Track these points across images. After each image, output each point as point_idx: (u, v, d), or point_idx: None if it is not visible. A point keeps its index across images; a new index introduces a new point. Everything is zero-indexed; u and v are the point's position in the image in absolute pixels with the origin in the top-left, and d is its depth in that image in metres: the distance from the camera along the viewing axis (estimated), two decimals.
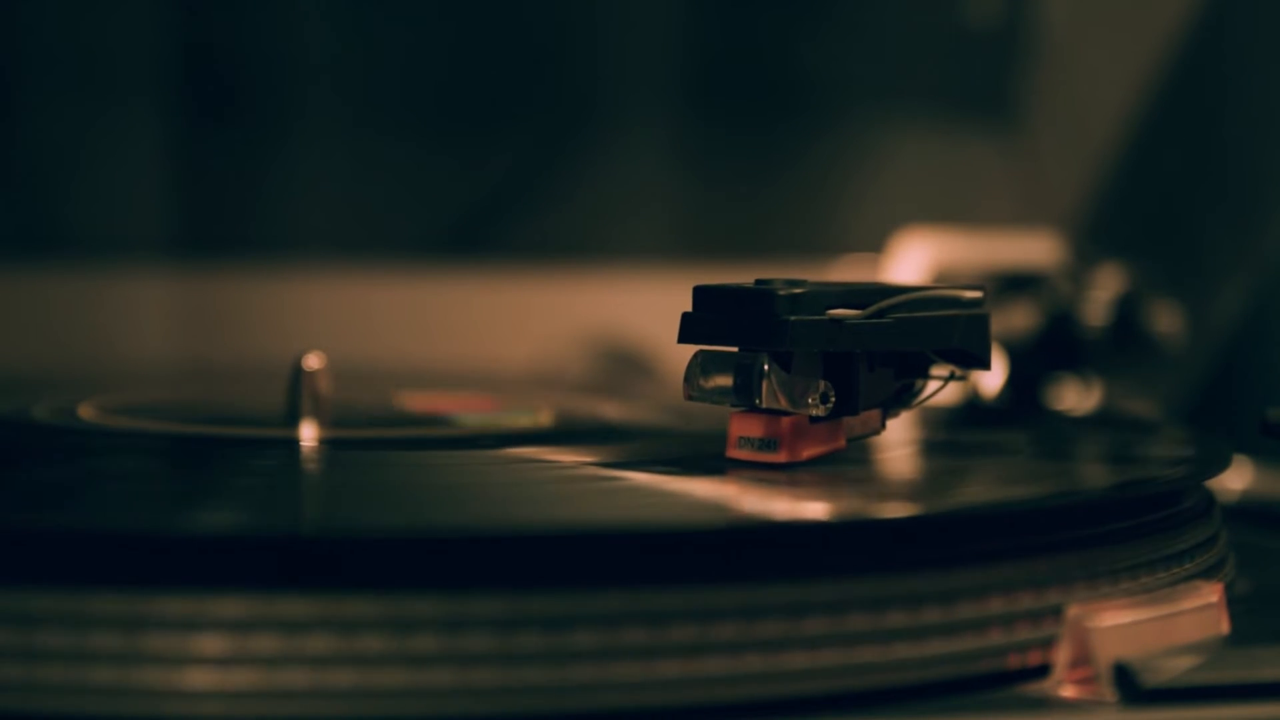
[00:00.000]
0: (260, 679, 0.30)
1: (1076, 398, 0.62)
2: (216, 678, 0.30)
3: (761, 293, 0.39)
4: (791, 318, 0.38)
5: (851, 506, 0.37)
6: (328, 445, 0.45)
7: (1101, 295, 0.62)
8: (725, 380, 0.39)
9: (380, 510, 0.36)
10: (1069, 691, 0.34)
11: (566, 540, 0.33)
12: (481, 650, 0.31)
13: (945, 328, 0.41)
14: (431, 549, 0.32)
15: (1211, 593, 0.37)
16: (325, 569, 0.31)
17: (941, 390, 0.42)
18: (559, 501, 0.37)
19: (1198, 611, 0.36)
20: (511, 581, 0.31)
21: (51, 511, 0.35)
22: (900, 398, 0.42)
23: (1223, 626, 0.36)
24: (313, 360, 0.47)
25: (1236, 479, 0.55)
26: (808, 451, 0.40)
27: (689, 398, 0.40)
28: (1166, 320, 0.62)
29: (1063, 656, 0.34)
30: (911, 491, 0.41)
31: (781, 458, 0.39)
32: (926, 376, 0.42)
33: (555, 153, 0.80)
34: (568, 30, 0.80)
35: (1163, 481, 0.40)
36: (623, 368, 0.75)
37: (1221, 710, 0.33)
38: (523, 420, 0.50)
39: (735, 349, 0.39)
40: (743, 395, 0.39)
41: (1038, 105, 0.82)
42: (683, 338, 0.40)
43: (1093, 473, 0.46)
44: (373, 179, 0.79)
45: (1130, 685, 0.33)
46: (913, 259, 0.66)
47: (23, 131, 0.75)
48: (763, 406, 0.39)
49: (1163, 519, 0.39)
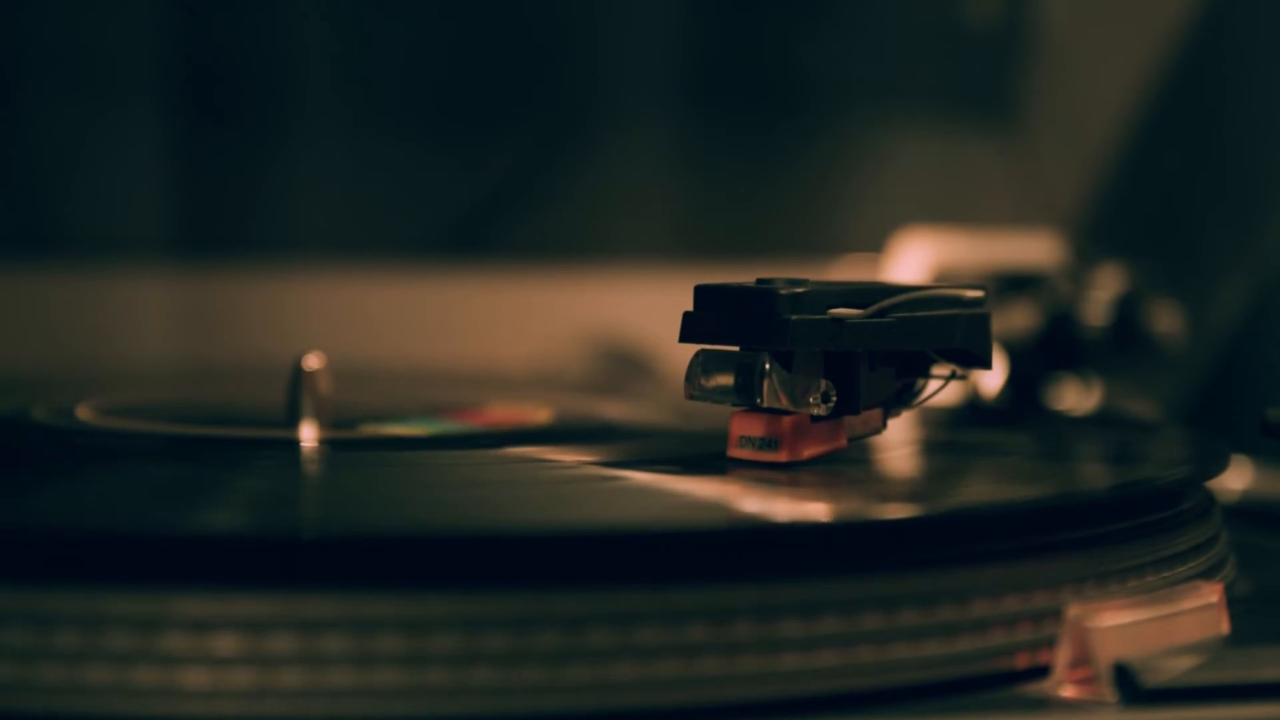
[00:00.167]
0: (266, 680, 0.30)
1: (1076, 398, 0.62)
2: (223, 678, 0.30)
3: (763, 292, 0.39)
4: (793, 317, 0.38)
5: (852, 507, 0.37)
6: (327, 445, 0.45)
7: (1101, 295, 0.62)
8: (726, 379, 0.39)
9: (379, 511, 0.36)
10: (1069, 692, 0.34)
11: (568, 540, 0.33)
12: (484, 651, 0.31)
13: (946, 327, 0.41)
14: (436, 549, 0.32)
15: (1211, 593, 0.37)
16: (329, 568, 0.31)
17: (942, 390, 0.42)
18: (559, 502, 0.37)
19: (1198, 612, 0.36)
20: (512, 582, 0.31)
21: (52, 512, 0.35)
22: (901, 397, 0.42)
23: (1223, 626, 0.36)
24: (313, 360, 0.47)
25: (1236, 479, 0.55)
26: (809, 451, 0.40)
27: (690, 397, 0.40)
28: (1166, 320, 0.62)
29: (1063, 657, 0.34)
30: (912, 492, 0.41)
31: (782, 457, 0.39)
32: (927, 376, 0.42)
33: (555, 153, 0.80)
34: (568, 30, 0.80)
35: (1163, 482, 0.40)
36: (623, 368, 0.75)
37: (1221, 710, 0.33)
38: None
39: (736, 348, 0.39)
40: (744, 394, 0.39)
41: (1038, 105, 0.82)
42: (684, 337, 0.40)
43: (1093, 473, 0.46)
44: (373, 179, 0.79)
45: (1130, 685, 0.33)
46: (913, 259, 0.66)
47: (23, 131, 0.75)
48: (764, 406, 0.39)
49: (1163, 519, 0.39)
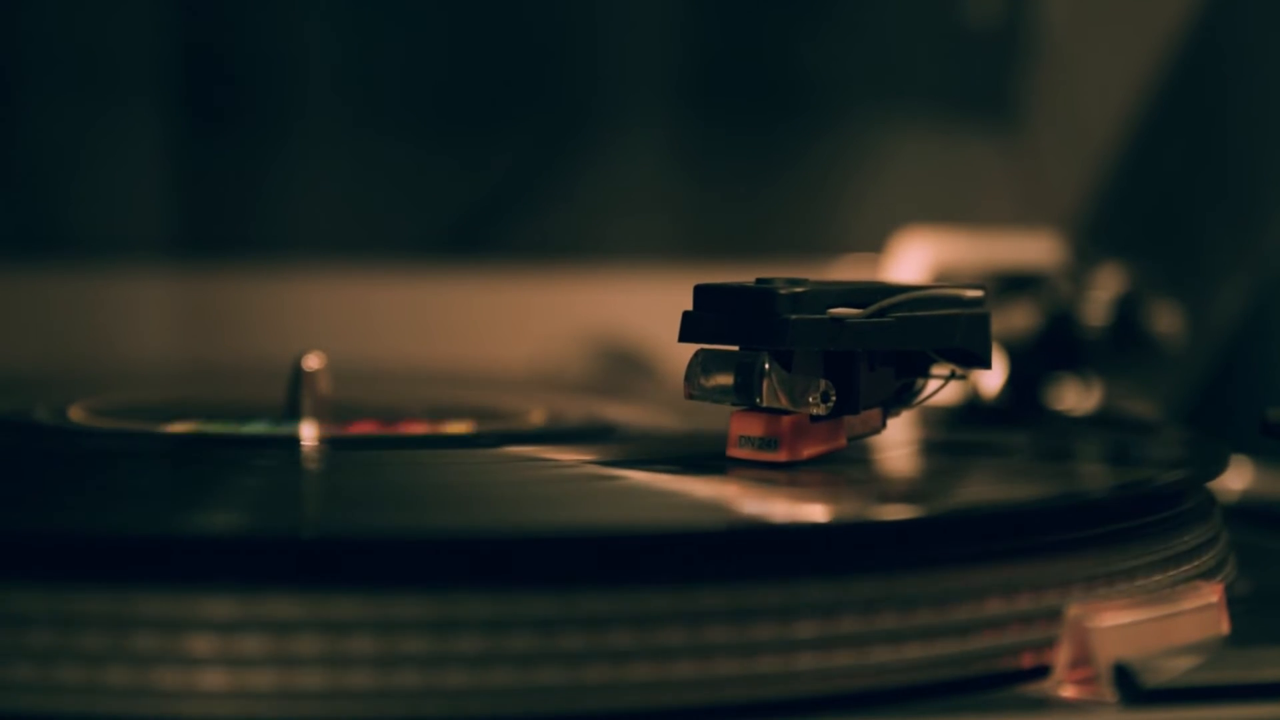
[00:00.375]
0: (258, 680, 0.30)
1: (1076, 398, 0.62)
2: (209, 679, 0.30)
3: (762, 291, 0.39)
4: (792, 316, 0.38)
5: (852, 507, 0.37)
6: (327, 445, 0.45)
7: (1101, 295, 0.62)
8: (726, 379, 0.39)
9: (379, 511, 0.36)
10: (1069, 692, 0.34)
11: (565, 541, 0.33)
12: (482, 651, 0.31)
13: (946, 327, 0.40)
14: (430, 550, 0.32)
15: (1211, 593, 0.37)
16: (323, 570, 0.31)
17: (942, 389, 0.42)
18: (559, 502, 0.37)
19: (1198, 612, 0.36)
20: (512, 582, 0.31)
21: (51, 512, 0.35)
22: (901, 397, 0.42)
23: (1223, 627, 0.36)
24: (313, 360, 0.47)
25: (1236, 479, 0.55)
26: (808, 451, 0.40)
27: (689, 396, 0.40)
28: (1166, 320, 0.62)
29: (1063, 657, 0.34)
30: (912, 492, 0.41)
31: (782, 457, 0.39)
32: (927, 376, 0.42)
33: (555, 153, 0.80)
34: (567, 30, 0.80)
35: (1163, 482, 0.40)
36: (623, 367, 0.75)
37: (1221, 710, 0.33)
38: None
39: (736, 348, 0.39)
40: (743, 394, 0.39)
41: (1038, 105, 0.82)
42: (683, 336, 0.40)
43: (1093, 473, 0.45)
44: (373, 179, 0.79)
45: (1130, 685, 0.33)
46: (913, 259, 0.66)
47: (23, 131, 0.75)
48: (763, 405, 0.39)
49: (1163, 520, 0.39)
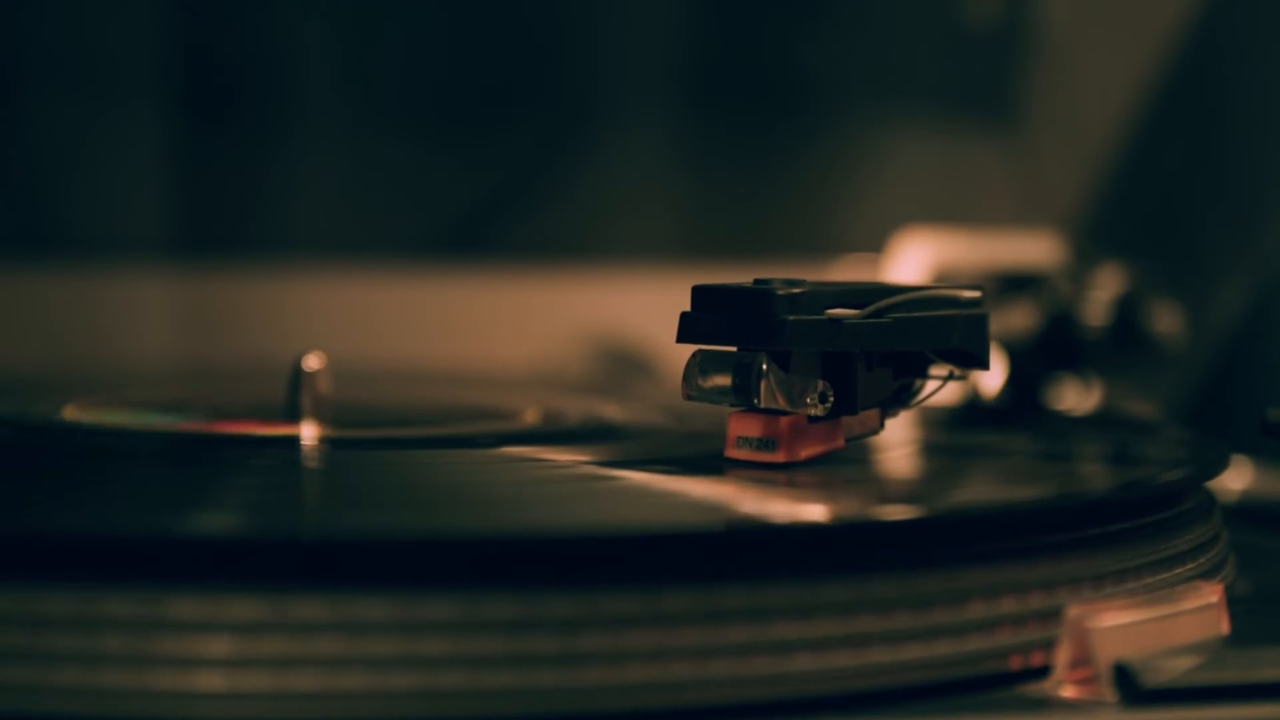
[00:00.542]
0: (267, 682, 0.30)
1: (1076, 398, 0.62)
2: (224, 680, 0.30)
3: (760, 292, 0.39)
4: (790, 317, 0.38)
5: (850, 508, 0.37)
6: (327, 445, 0.45)
7: (1101, 295, 0.62)
8: (724, 380, 0.39)
9: (378, 511, 0.36)
10: (1069, 692, 0.34)
11: (568, 541, 0.33)
12: (485, 653, 0.31)
13: (944, 328, 0.40)
14: (434, 550, 0.32)
15: (1212, 593, 0.37)
16: (327, 570, 0.31)
17: (940, 390, 0.42)
18: (559, 502, 0.37)
19: (1198, 612, 0.36)
20: (511, 583, 0.31)
21: (51, 513, 0.35)
22: (899, 397, 0.42)
23: (1223, 627, 0.36)
24: (313, 360, 0.47)
25: (1236, 479, 0.55)
26: (806, 451, 0.40)
27: (687, 397, 0.40)
28: (1166, 320, 0.62)
29: (1063, 657, 0.34)
30: (910, 492, 0.41)
31: (780, 457, 0.39)
32: (925, 376, 0.42)
33: (555, 153, 0.80)
34: (568, 30, 0.80)
35: (1163, 482, 0.40)
36: (623, 368, 0.75)
37: (1221, 710, 0.33)
38: None
39: (734, 348, 0.39)
40: (741, 395, 0.39)
41: (1038, 105, 0.82)
42: (681, 337, 0.40)
43: (1093, 473, 0.45)
44: (372, 179, 0.79)
45: (1130, 685, 0.33)
46: (913, 259, 0.66)
47: (23, 131, 0.75)
48: (761, 406, 0.39)
49: (1163, 520, 0.39)
